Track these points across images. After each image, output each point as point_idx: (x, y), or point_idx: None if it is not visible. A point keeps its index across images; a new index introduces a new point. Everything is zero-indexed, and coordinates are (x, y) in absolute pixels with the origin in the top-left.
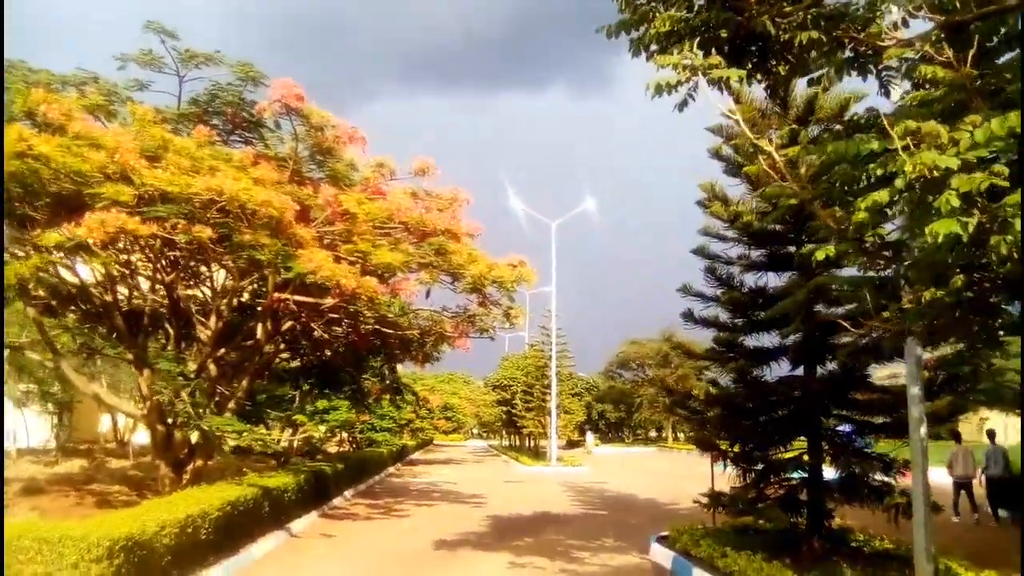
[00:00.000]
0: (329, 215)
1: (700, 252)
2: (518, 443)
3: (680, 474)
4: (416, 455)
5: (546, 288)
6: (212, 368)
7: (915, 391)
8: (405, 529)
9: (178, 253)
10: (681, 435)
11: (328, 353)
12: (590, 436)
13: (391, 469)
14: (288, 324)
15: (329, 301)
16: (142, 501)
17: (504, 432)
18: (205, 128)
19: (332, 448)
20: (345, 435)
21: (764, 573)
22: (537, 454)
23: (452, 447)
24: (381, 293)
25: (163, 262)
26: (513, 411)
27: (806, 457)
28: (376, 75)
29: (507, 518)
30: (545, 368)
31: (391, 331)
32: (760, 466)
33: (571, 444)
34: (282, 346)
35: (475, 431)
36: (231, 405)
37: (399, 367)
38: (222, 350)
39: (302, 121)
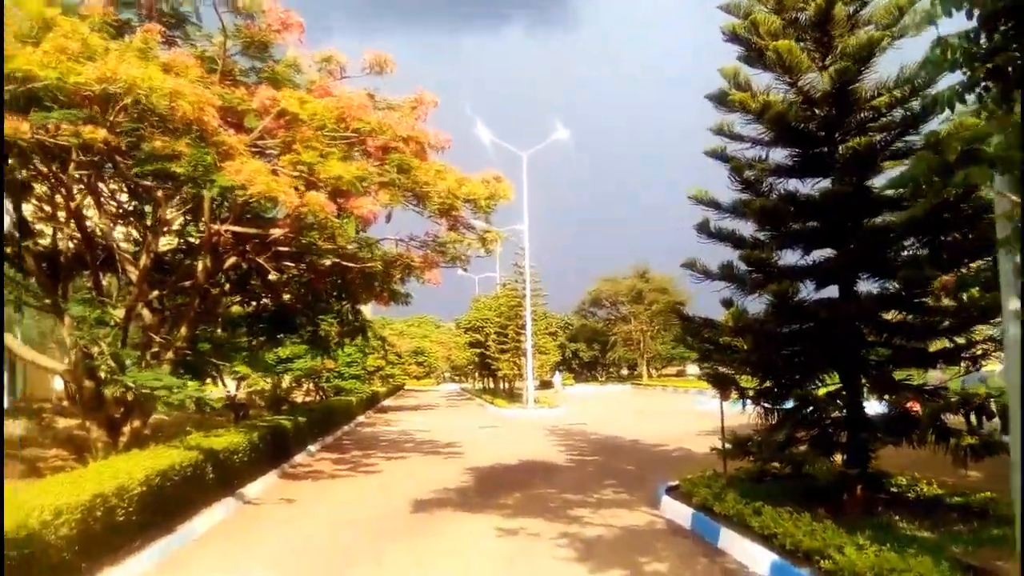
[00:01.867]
0: (268, 126)
1: (717, 154)
2: (492, 386)
3: (661, 412)
4: (387, 401)
5: (518, 226)
6: (146, 314)
7: (1013, 305)
8: (375, 487)
9: (81, 172)
10: (654, 371)
11: (283, 295)
12: (557, 376)
13: (361, 418)
14: (232, 261)
15: (276, 232)
16: (77, 467)
17: (477, 375)
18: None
19: (300, 398)
20: (311, 384)
21: (818, 535)
22: (512, 396)
23: (424, 392)
24: (331, 213)
25: (63, 182)
26: (487, 353)
27: (843, 391)
28: (335, 10)
29: (488, 469)
30: (519, 308)
31: (351, 264)
32: (790, 404)
33: (543, 385)
34: (227, 287)
35: (447, 375)
36: (169, 356)
37: (365, 309)
38: (155, 293)
39: (228, 7)
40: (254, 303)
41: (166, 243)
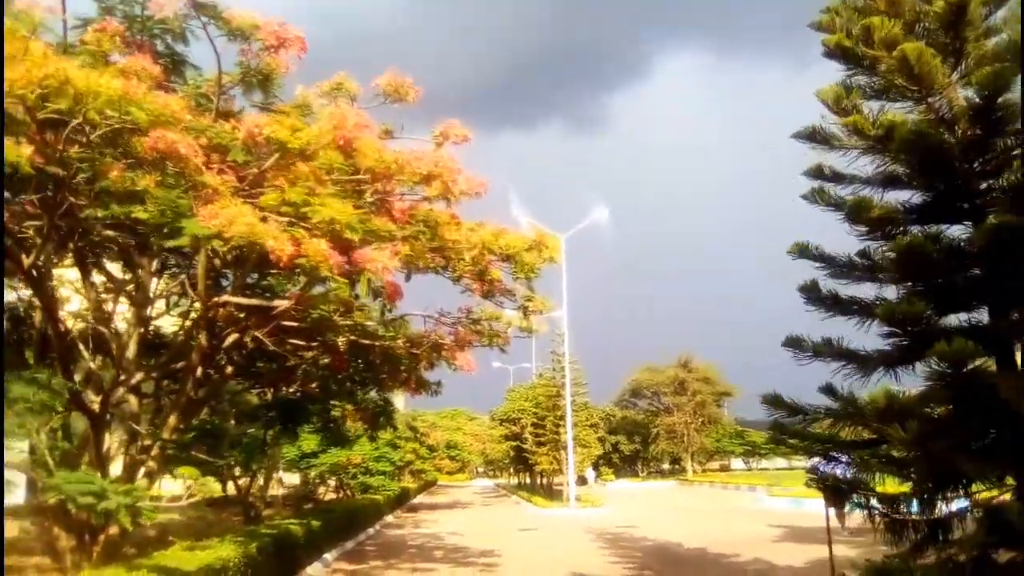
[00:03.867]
0: (263, 170)
1: (818, 196)
2: (529, 481)
3: (716, 511)
4: (418, 499)
5: (556, 313)
6: (132, 401)
7: None
8: None
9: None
10: (697, 466)
11: (296, 381)
12: (590, 472)
13: (389, 518)
14: (232, 338)
15: (281, 303)
16: None
17: (513, 470)
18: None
19: (326, 495)
20: (336, 481)
21: None
22: (551, 493)
23: (457, 488)
24: (336, 268)
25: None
26: (523, 446)
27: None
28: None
29: None
30: (557, 398)
31: (369, 343)
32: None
33: (579, 481)
34: (229, 370)
35: (480, 469)
36: (153, 451)
37: (396, 402)
38: (139, 376)
39: (221, 27)
40: (269, 391)
41: (172, 323)
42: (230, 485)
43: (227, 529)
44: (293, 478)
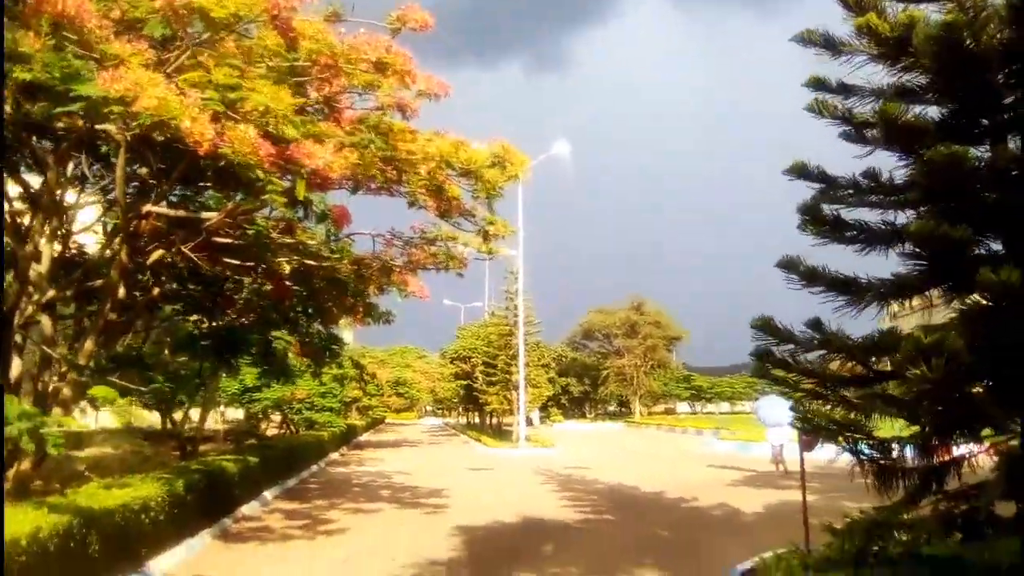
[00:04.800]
0: (184, 47)
1: (819, 84)
2: (479, 421)
3: (668, 454)
4: (365, 436)
5: (510, 252)
6: (45, 323)
7: None
8: (332, 561)
9: None
10: (644, 409)
11: (232, 306)
12: (536, 413)
13: (334, 455)
14: (157, 254)
15: (211, 216)
16: None
17: (462, 409)
18: None
19: (271, 432)
20: (276, 417)
21: None
22: (500, 433)
23: (406, 426)
24: (268, 161)
25: None
26: (473, 386)
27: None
28: None
29: (482, 532)
30: (509, 337)
31: (313, 263)
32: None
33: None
34: (156, 291)
35: (430, 408)
36: (69, 377)
37: (347, 336)
38: (51, 293)
39: None
40: (205, 319)
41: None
42: (170, 419)
43: (161, 464)
44: (237, 413)
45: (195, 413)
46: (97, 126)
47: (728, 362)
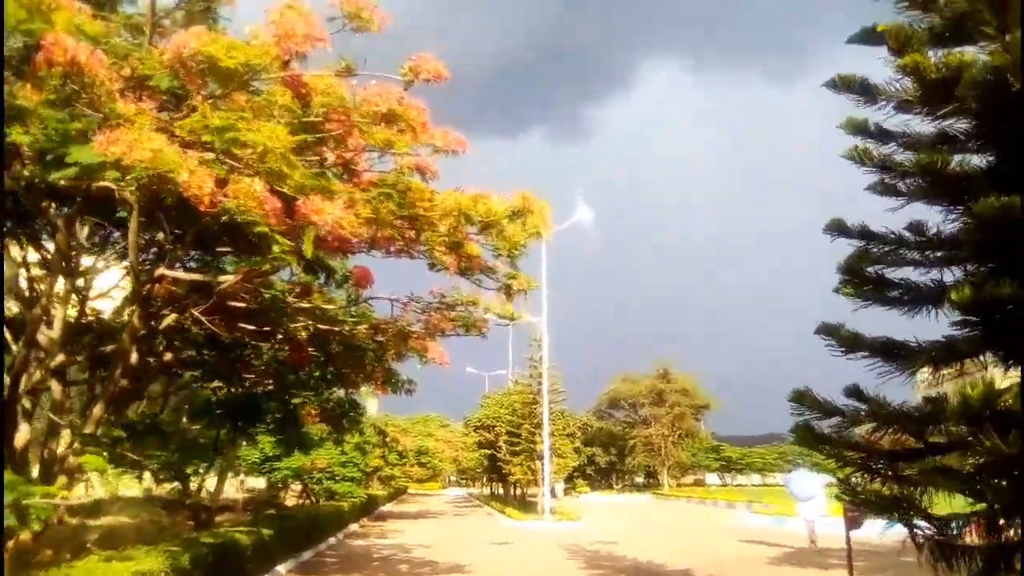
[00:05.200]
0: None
1: (857, 128)
2: (503, 492)
3: (698, 528)
4: (387, 507)
5: (533, 319)
6: (55, 389)
7: None
8: None
9: None
10: (672, 480)
11: (248, 372)
12: (559, 486)
13: (354, 527)
14: (171, 318)
15: (227, 279)
16: None
17: (486, 479)
18: None
19: (291, 502)
20: (295, 487)
21: None
22: (525, 504)
23: (429, 496)
24: (273, 216)
25: None
26: (497, 455)
27: None
28: None
29: None
30: (533, 405)
31: (328, 328)
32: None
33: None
34: (168, 356)
35: (453, 478)
36: (74, 446)
37: (369, 406)
38: (60, 359)
39: None
40: (225, 386)
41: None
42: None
43: (175, 535)
44: (258, 482)
45: (213, 482)
46: (94, 184)
47: (759, 431)
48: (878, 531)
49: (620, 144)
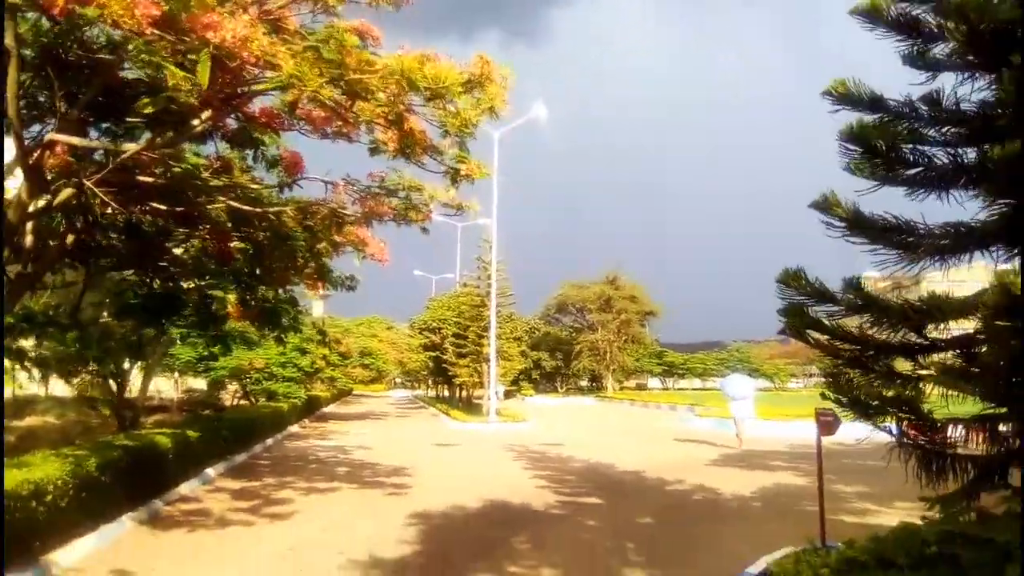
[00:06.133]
0: None
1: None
2: (448, 394)
3: (644, 430)
4: (330, 408)
5: (483, 221)
6: None
7: None
8: (271, 553)
9: None
10: (616, 384)
11: (162, 261)
12: (500, 388)
13: (294, 428)
14: (66, 193)
15: (129, 148)
16: None
17: (432, 382)
18: None
19: (230, 402)
20: (232, 387)
21: None
22: (470, 407)
23: (373, 398)
24: (146, 19)
25: None
26: (443, 357)
27: None
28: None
29: (443, 519)
30: (481, 308)
31: (250, 209)
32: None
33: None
34: (69, 239)
35: (399, 380)
36: None
37: (316, 307)
38: None
39: None
40: (140, 277)
41: None
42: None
43: (98, 436)
44: (202, 383)
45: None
46: None
47: (700, 338)
48: (857, 436)
49: (575, 50)
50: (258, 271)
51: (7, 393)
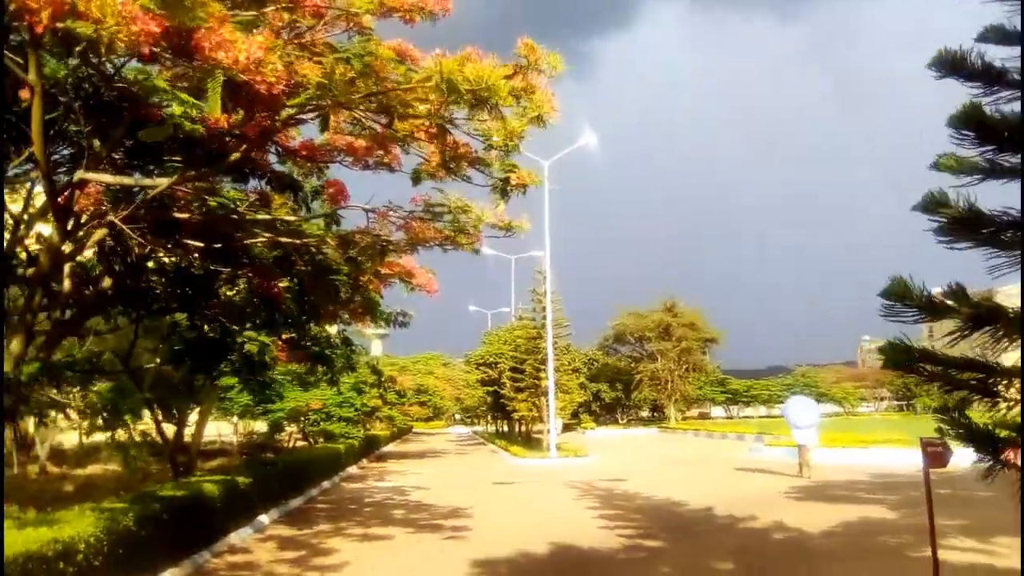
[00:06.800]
0: None
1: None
2: (507, 429)
3: (708, 462)
4: (389, 447)
5: (536, 253)
6: None
7: None
8: None
9: None
10: (678, 414)
11: (207, 304)
12: (558, 421)
13: (352, 469)
14: (99, 234)
15: (160, 182)
16: None
17: (490, 417)
18: None
19: (292, 444)
20: (290, 429)
21: None
22: (530, 442)
23: (433, 435)
24: (146, 36)
25: None
26: (501, 392)
27: None
28: None
29: (511, 567)
30: (537, 340)
31: (290, 242)
32: None
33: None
34: (107, 282)
35: (458, 417)
36: None
37: (375, 347)
38: None
39: None
40: (187, 322)
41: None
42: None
43: (156, 483)
44: (263, 426)
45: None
46: None
47: (763, 364)
48: (967, 464)
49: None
50: (305, 308)
51: (74, 439)
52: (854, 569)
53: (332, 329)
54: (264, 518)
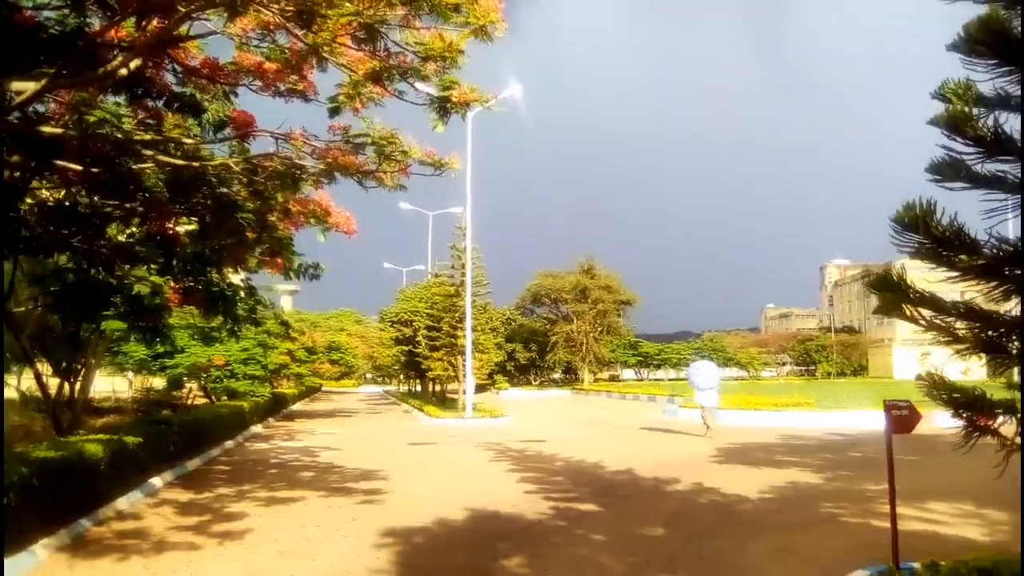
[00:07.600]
0: None
1: None
2: (421, 389)
3: (626, 424)
4: (297, 406)
5: (455, 209)
6: None
7: None
8: None
9: None
10: (590, 376)
11: (86, 238)
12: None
13: (257, 428)
14: None
15: (27, 85)
16: None
17: (403, 377)
18: None
19: (200, 401)
20: (191, 385)
21: None
22: (444, 402)
23: (343, 394)
24: None
25: None
26: (415, 351)
27: None
28: None
29: (427, 535)
30: (455, 299)
31: (185, 165)
32: None
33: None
34: None
35: (369, 376)
36: None
37: (285, 301)
38: None
39: None
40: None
41: None
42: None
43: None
44: (161, 381)
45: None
46: None
47: (672, 329)
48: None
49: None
50: (206, 252)
51: None
52: (790, 536)
53: (236, 278)
54: (157, 480)
